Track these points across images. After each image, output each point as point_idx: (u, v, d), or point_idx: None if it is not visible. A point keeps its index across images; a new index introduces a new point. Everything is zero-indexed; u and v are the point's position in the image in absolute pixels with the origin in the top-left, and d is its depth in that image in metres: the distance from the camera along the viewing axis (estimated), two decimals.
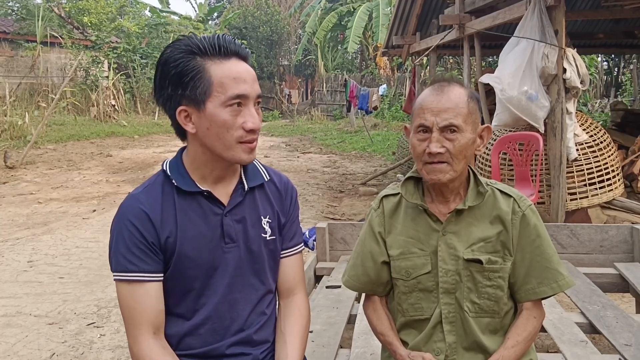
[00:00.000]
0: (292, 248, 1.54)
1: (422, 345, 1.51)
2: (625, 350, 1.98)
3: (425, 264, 1.51)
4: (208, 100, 1.28)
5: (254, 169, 1.48)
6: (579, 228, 3.12)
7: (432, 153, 1.42)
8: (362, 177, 9.30)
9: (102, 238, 5.71)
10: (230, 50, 1.31)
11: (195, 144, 1.36)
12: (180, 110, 1.31)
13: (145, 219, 1.32)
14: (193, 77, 1.27)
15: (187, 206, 1.36)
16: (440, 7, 8.10)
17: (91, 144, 13.54)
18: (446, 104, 1.42)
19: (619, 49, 10.71)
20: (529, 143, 5.01)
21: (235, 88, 1.28)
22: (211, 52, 1.29)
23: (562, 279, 1.49)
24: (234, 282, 1.40)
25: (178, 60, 1.28)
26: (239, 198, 1.42)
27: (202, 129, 1.30)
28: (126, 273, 1.31)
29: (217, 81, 1.27)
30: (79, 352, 3.19)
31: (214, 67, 1.28)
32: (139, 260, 1.31)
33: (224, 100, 1.28)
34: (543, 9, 4.87)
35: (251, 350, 1.43)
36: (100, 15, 20.07)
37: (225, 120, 1.29)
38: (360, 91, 15.44)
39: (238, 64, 1.31)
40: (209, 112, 1.28)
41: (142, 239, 1.32)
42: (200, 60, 1.28)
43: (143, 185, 1.40)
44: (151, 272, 1.33)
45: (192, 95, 1.28)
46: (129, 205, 1.35)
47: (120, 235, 1.33)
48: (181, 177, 1.37)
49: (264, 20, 27.82)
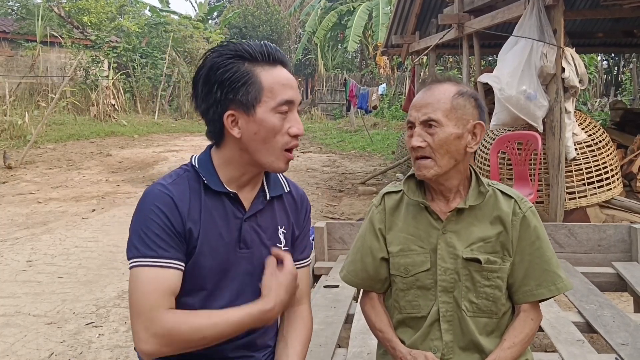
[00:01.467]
0: (301, 261, 1.54)
1: (419, 343, 1.52)
2: (621, 350, 1.99)
3: (425, 261, 1.52)
4: (258, 105, 1.30)
5: (275, 179, 1.49)
6: (577, 227, 3.12)
7: (414, 147, 1.47)
8: (362, 177, 9.30)
9: (101, 238, 5.72)
10: (276, 58, 1.34)
11: (234, 148, 1.36)
12: (229, 115, 1.32)
13: (173, 207, 1.31)
14: (245, 83, 1.29)
15: (212, 205, 1.37)
16: (440, 6, 8.10)
17: (91, 144, 13.54)
18: (428, 100, 1.47)
19: (618, 48, 10.72)
20: (528, 142, 5.01)
21: (285, 94, 1.32)
22: (260, 59, 1.32)
23: (560, 282, 1.49)
24: (244, 288, 1.40)
25: (228, 65, 1.30)
26: (260, 206, 1.43)
27: (249, 133, 1.32)
28: (152, 258, 1.26)
29: (268, 87, 1.30)
30: (78, 352, 3.19)
31: (264, 73, 1.31)
32: (166, 245, 1.28)
33: (274, 106, 1.31)
34: (542, 8, 4.87)
35: (253, 354, 1.44)
36: (100, 14, 20.10)
37: (274, 125, 1.31)
38: (360, 90, 15.42)
39: (283, 71, 1.35)
40: (259, 117, 1.30)
41: (170, 225, 1.29)
42: (249, 65, 1.31)
43: (168, 175, 1.39)
44: (177, 260, 1.30)
45: (243, 100, 1.30)
46: (156, 191, 1.32)
47: (146, 220, 1.29)
48: (210, 175, 1.37)
49: (264, 20, 27.83)
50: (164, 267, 1.27)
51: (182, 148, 13.11)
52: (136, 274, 1.27)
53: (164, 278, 1.27)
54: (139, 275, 1.26)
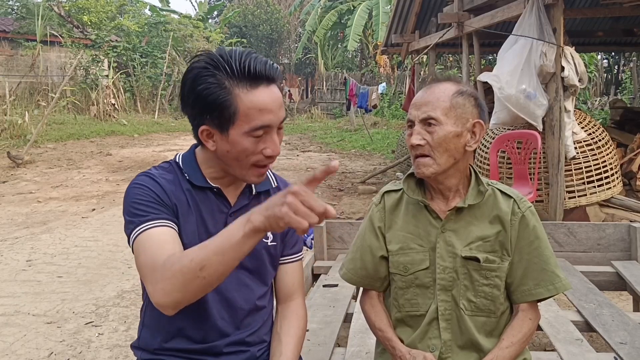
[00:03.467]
0: (293, 255, 1.55)
1: (417, 341, 1.52)
2: (620, 349, 1.98)
3: (424, 260, 1.52)
4: (232, 127, 1.28)
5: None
6: (577, 226, 3.12)
7: (413, 145, 1.47)
8: (362, 176, 9.30)
9: (101, 237, 5.72)
10: (259, 76, 1.28)
11: (211, 153, 1.37)
12: (203, 130, 1.31)
13: (158, 187, 1.34)
14: (221, 104, 1.26)
15: (198, 197, 1.38)
16: (439, 5, 8.10)
17: (91, 143, 13.53)
18: (427, 98, 1.48)
19: (618, 46, 10.70)
20: (528, 141, 5.01)
21: (260, 120, 1.27)
22: (242, 76, 1.27)
23: (558, 282, 1.49)
24: (230, 282, 1.40)
25: (208, 84, 1.27)
26: (245, 201, 1.43)
27: (222, 150, 1.32)
28: (143, 224, 1.26)
29: (243, 111, 1.26)
30: (77, 351, 3.19)
31: (242, 95, 1.26)
32: (155, 210, 1.29)
33: (247, 130, 1.28)
34: (541, 7, 4.87)
35: (248, 348, 1.45)
36: (100, 14, 20.09)
37: (246, 147, 1.30)
38: (360, 89, 15.43)
39: (265, 92, 1.29)
40: (231, 139, 1.29)
41: (157, 198, 1.31)
42: (228, 85, 1.26)
43: (154, 168, 1.41)
44: (168, 219, 1.30)
45: (217, 121, 1.29)
46: (142, 177, 1.36)
47: (134, 196, 1.31)
48: (193, 172, 1.39)
49: (264, 19, 27.83)
50: (158, 226, 1.27)
51: (182, 147, 13.11)
52: (137, 244, 1.26)
53: (160, 233, 1.26)
54: (138, 243, 1.26)
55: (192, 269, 1.12)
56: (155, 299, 1.17)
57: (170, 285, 1.14)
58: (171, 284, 1.14)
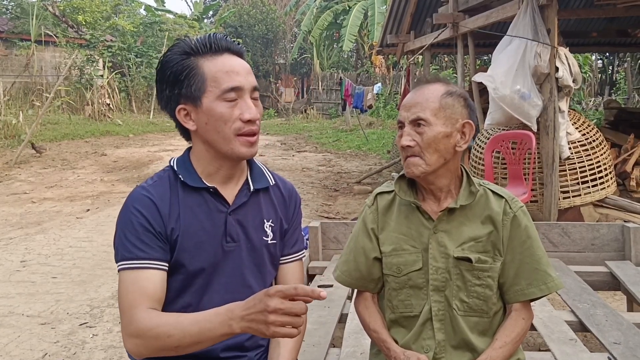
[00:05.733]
0: (293, 254, 1.54)
1: (411, 342, 1.52)
2: (614, 349, 1.99)
3: (417, 260, 1.53)
4: (203, 95, 1.31)
5: (260, 172, 1.49)
6: (571, 226, 3.13)
7: (403, 146, 1.48)
8: (357, 176, 9.31)
9: (95, 238, 5.70)
10: (221, 47, 1.34)
11: (198, 142, 1.39)
12: (180, 109, 1.35)
13: (153, 209, 1.33)
14: (187, 75, 1.31)
15: (193, 201, 1.38)
16: (435, 5, 8.11)
17: (86, 143, 13.48)
18: (417, 99, 1.49)
19: (612, 47, 10.75)
20: (522, 141, 5.02)
21: (229, 81, 1.31)
22: (203, 51, 1.33)
23: (551, 281, 1.50)
24: (232, 282, 1.40)
25: (173, 61, 1.34)
26: (244, 199, 1.43)
27: (201, 124, 1.34)
28: (132, 260, 1.29)
29: (211, 76, 1.31)
30: (71, 352, 3.18)
31: (207, 63, 1.32)
32: (146, 246, 1.30)
33: (218, 94, 1.31)
34: (535, 7, 4.88)
35: (245, 353, 1.44)
36: (95, 13, 20.00)
37: (222, 113, 1.31)
38: (355, 90, 15.41)
39: (231, 59, 1.35)
40: (206, 107, 1.32)
41: (150, 227, 1.32)
42: (193, 59, 1.32)
43: (150, 179, 1.42)
44: (157, 260, 1.31)
45: (188, 93, 1.32)
46: (137, 195, 1.36)
47: (128, 223, 1.32)
48: (188, 173, 1.39)
49: (260, 19, 27.75)
50: (142, 268, 1.29)
51: (177, 147, 13.06)
52: (122, 278, 1.30)
53: (143, 278, 1.28)
54: (121, 278, 1.30)
55: (167, 343, 1.19)
56: (125, 345, 1.26)
57: (143, 348, 1.23)
58: (144, 346, 1.22)
